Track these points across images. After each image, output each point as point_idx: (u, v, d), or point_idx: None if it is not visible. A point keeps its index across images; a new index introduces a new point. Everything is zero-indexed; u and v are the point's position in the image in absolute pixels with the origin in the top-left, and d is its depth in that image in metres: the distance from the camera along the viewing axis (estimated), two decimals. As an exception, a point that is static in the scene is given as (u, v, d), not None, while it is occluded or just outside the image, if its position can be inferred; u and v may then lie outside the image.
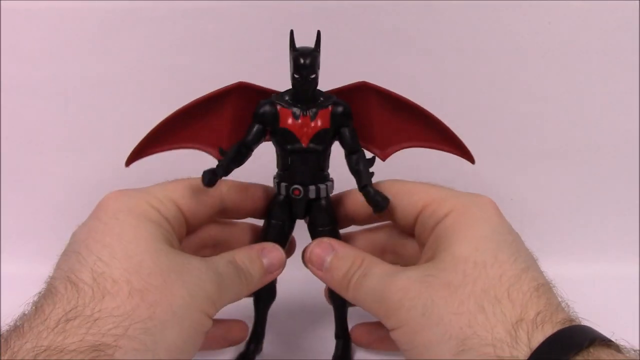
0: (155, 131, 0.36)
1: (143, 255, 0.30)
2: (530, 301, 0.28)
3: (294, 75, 0.34)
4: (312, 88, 0.35)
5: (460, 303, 0.29)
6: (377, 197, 0.35)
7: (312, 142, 0.36)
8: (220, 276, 0.33)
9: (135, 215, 0.32)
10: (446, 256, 0.31)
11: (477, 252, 0.30)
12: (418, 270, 0.32)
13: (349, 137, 0.37)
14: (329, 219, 0.39)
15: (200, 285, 0.31)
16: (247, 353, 0.42)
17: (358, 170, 0.36)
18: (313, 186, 0.37)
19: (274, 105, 0.36)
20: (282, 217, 0.39)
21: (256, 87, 0.37)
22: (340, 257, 0.35)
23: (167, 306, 0.29)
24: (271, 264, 0.36)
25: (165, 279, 0.30)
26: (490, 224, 0.33)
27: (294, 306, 0.49)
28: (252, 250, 0.36)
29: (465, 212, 0.33)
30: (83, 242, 0.31)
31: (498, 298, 0.28)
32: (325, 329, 0.45)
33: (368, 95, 0.37)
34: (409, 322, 0.30)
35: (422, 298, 0.30)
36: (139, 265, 0.30)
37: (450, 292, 0.29)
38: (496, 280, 0.29)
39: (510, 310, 0.28)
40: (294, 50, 0.34)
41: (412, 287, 0.31)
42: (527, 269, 0.30)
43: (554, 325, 0.27)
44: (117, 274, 0.29)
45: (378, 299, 0.32)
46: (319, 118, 0.36)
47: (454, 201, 0.34)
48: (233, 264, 0.34)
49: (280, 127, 0.36)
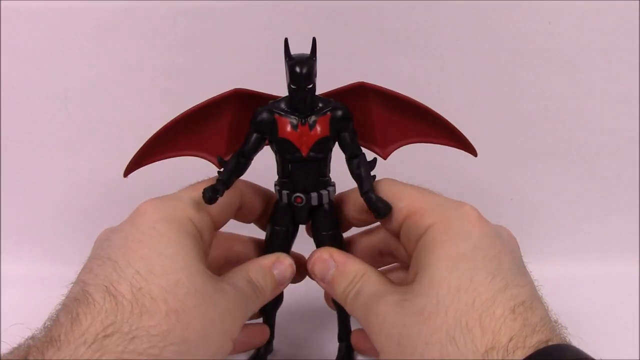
0: (151, 141, 0.35)
1: (179, 273, 0.30)
2: (504, 325, 0.28)
3: (291, 85, 0.34)
4: (310, 97, 0.34)
5: (432, 332, 0.28)
6: (379, 204, 0.35)
7: (312, 150, 0.35)
8: (245, 297, 0.33)
9: (173, 227, 0.32)
10: (423, 278, 0.31)
11: (453, 273, 0.30)
12: (397, 293, 0.32)
13: (349, 142, 0.36)
14: (331, 223, 0.38)
15: (230, 309, 0.31)
16: (259, 354, 0.43)
17: (359, 175, 0.36)
18: (315, 193, 0.37)
19: (271, 114, 0.35)
20: (285, 223, 0.38)
21: (253, 93, 0.36)
22: (341, 272, 0.35)
23: (200, 330, 0.29)
24: (282, 276, 0.36)
25: (199, 301, 0.30)
26: (470, 239, 0.31)
27: (300, 309, 0.49)
28: (265, 264, 0.36)
29: (446, 226, 0.32)
30: (120, 250, 0.31)
31: (469, 327, 0.28)
32: (330, 331, 0.45)
33: (366, 95, 0.37)
34: (387, 349, 0.31)
35: (397, 326, 0.30)
36: (175, 284, 0.29)
37: (423, 319, 0.29)
38: (469, 307, 0.28)
39: (481, 339, 0.27)
40: (290, 58, 0.33)
41: (390, 313, 0.31)
42: (505, 288, 0.29)
43: (527, 350, 0.27)
44: (156, 291, 0.29)
45: (364, 320, 0.33)
46: (318, 126, 0.35)
47: (436, 213, 0.33)
48: (250, 283, 0.34)
49: (279, 137, 0.35)
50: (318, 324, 0.48)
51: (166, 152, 0.36)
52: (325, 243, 0.39)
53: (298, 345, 0.46)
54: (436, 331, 0.28)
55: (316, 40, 0.34)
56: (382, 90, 0.36)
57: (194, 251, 0.32)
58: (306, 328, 0.48)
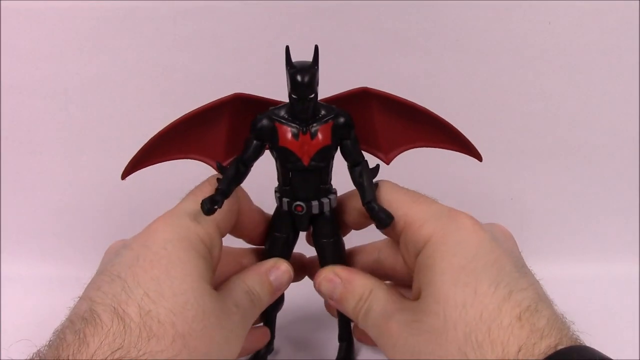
0: (150, 144, 0.35)
1: (188, 294, 0.30)
2: (512, 335, 0.28)
3: (292, 94, 0.33)
4: (312, 107, 0.33)
5: (445, 352, 0.29)
6: (381, 214, 0.34)
7: (313, 160, 0.34)
8: (244, 312, 0.33)
9: (184, 246, 0.32)
10: (428, 296, 0.31)
11: (457, 288, 0.30)
12: (406, 313, 0.32)
13: (351, 150, 0.35)
14: (332, 231, 0.38)
15: (234, 330, 0.32)
16: (259, 354, 0.43)
17: (362, 184, 0.35)
18: (316, 201, 0.36)
19: (272, 121, 0.34)
20: (285, 230, 0.38)
21: (253, 98, 0.36)
22: (349, 290, 0.35)
23: (205, 353, 0.29)
24: (279, 282, 0.37)
25: (206, 324, 0.30)
26: (469, 249, 0.32)
27: (301, 309, 0.49)
28: (261, 271, 0.36)
29: (442, 240, 0.32)
30: (130, 269, 0.31)
31: (479, 342, 0.28)
32: (330, 330, 0.45)
33: (369, 100, 0.36)
34: None
35: (408, 346, 0.31)
36: (183, 306, 0.29)
37: (434, 338, 0.30)
38: (477, 321, 0.29)
39: (491, 353, 0.28)
40: (291, 67, 0.32)
41: (402, 334, 0.31)
42: (509, 295, 0.30)
43: (536, 357, 0.27)
44: (163, 314, 0.29)
45: (377, 339, 0.34)
46: (319, 134, 0.34)
47: (432, 225, 0.33)
48: (247, 293, 0.35)
49: (280, 145, 0.34)
50: (318, 324, 0.48)
51: (164, 155, 0.36)
52: (326, 250, 0.38)
53: (298, 345, 0.46)
54: (448, 350, 0.29)
55: (318, 48, 0.33)
56: (385, 95, 0.36)
57: (203, 271, 0.32)
58: (307, 328, 0.48)
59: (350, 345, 0.43)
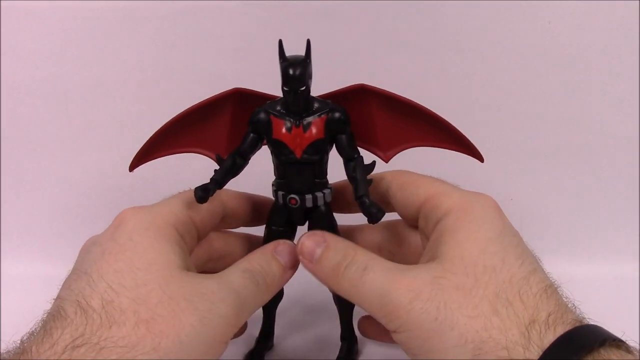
0: (156, 136, 0.36)
1: (153, 283, 0.30)
2: (540, 302, 0.29)
3: (284, 87, 0.33)
4: (303, 100, 0.34)
5: (474, 306, 0.29)
6: (372, 209, 0.34)
7: (306, 152, 0.35)
8: (236, 293, 0.32)
9: (150, 234, 0.32)
10: (453, 258, 0.31)
11: (486, 255, 0.30)
12: (426, 270, 0.31)
13: (345, 145, 0.36)
14: (328, 226, 0.38)
15: (214, 310, 0.30)
16: (257, 350, 0.43)
17: (355, 179, 0.35)
18: (310, 195, 0.37)
19: (267, 114, 0.35)
20: (281, 223, 0.38)
21: (253, 93, 0.36)
22: (332, 248, 0.34)
23: (174, 336, 0.29)
24: (286, 260, 0.35)
25: (174, 308, 0.29)
26: (495, 225, 0.32)
27: (301, 306, 0.49)
28: (266, 251, 0.36)
29: (469, 210, 0.33)
30: (95, 264, 0.31)
31: (510, 300, 0.29)
32: (331, 330, 0.45)
33: (367, 97, 0.36)
34: (419, 326, 0.29)
35: (434, 301, 0.29)
36: (147, 295, 0.29)
37: (463, 295, 0.29)
38: (507, 283, 0.29)
39: (523, 312, 0.28)
40: (283, 60, 0.33)
41: (424, 288, 0.30)
42: (534, 271, 0.30)
43: (564, 325, 0.28)
44: (126, 303, 0.29)
45: (381, 298, 0.31)
46: (312, 128, 0.35)
47: (456, 197, 0.34)
48: (249, 272, 0.33)
49: (273, 138, 0.35)
50: (319, 322, 0.48)
51: (170, 148, 0.37)
52: None
53: (298, 342, 0.46)
54: (478, 305, 0.29)
55: (310, 42, 0.33)
56: (383, 92, 0.36)
57: (172, 256, 0.32)
58: (307, 326, 0.48)
59: (352, 345, 0.43)
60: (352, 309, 0.42)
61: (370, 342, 0.45)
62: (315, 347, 0.45)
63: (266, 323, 0.43)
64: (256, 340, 0.43)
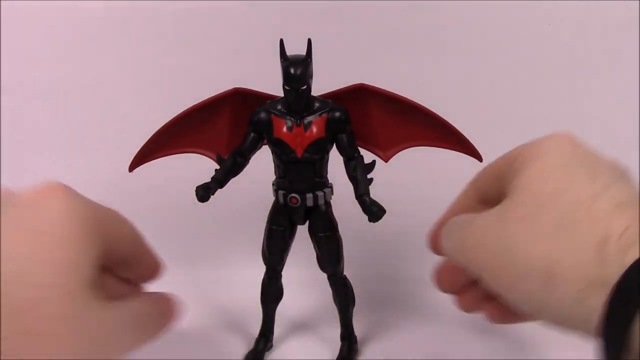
0: (156, 136, 0.36)
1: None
2: (614, 217, 0.26)
3: (285, 86, 0.34)
4: (304, 99, 0.34)
5: (539, 232, 0.28)
6: (373, 207, 0.34)
7: (306, 152, 0.35)
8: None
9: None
10: (519, 191, 0.30)
11: (549, 181, 0.29)
12: (493, 210, 0.31)
13: (346, 144, 0.36)
14: (328, 225, 0.38)
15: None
16: (257, 350, 0.43)
17: (355, 178, 0.36)
18: (310, 194, 0.37)
19: (268, 114, 0.35)
20: (282, 223, 0.39)
21: (253, 93, 0.37)
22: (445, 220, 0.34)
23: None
24: (164, 315, 0.30)
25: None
26: (562, 153, 0.31)
27: (302, 306, 0.49)
28: (150, 300, 0.31)
29: (536, 148, 0.32)
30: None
31: (577, 219, 0.27)
32: (331, 329, 0.45)
33: (367, 97, 0.36)
34: (492, 261, 0.29)
35: (501, 236, 0.29)
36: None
37: (528, 223, 0.28)
38: (574, 202, 0.28)
39: (593, 229, 0.26)
40: (284, 59, 0.34)
41: (490, 226, 0.30)
42: (608, 187, 0.28)
43: None
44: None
45: (459, 245, 0.32)
46: (313, 127, 0.35)
47: (527, 144, 0.33)
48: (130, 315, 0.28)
49: (274, 137, 0.35)
50: (319, 322, 0.48)
51: (170, 149, 0.37)
52: (322, 244, 0.39)
53: (298, 342, 0.46)
54: (544, 229, 0.28)
55: (311, 42, 0.34)
56: (383, 92, 0.36)
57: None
58: (307, 326, 0.48)
59: (352, 345, 0.43)
60: (352, 309, 0.42)
61: (370, 342, 0.45)
62: (315, 347, 0.45)
63: (266, 323, 0.43)
64: (256, 340, 0.43)
